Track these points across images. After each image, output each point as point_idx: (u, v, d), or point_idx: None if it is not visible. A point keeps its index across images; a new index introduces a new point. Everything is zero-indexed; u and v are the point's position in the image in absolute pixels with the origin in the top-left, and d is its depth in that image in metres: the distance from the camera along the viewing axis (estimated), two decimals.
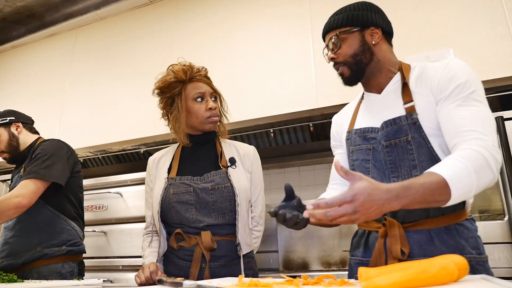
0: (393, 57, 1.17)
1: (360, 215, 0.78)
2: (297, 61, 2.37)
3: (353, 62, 1.13)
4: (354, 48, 1.12)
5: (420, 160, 1.01)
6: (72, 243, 1.72)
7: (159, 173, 1.43)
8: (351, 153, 1.17)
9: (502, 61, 1.91)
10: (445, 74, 1.02)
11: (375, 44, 1.13)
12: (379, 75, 1.15)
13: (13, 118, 1.90)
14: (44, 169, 1.63)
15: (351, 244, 1.18)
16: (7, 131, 1.86)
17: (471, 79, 1.00)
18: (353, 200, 0.77)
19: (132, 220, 2.59)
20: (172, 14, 2.93)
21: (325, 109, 2.24)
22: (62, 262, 1.67)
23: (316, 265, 2.45)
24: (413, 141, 1.02)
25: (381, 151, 1.07)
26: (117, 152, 2.98)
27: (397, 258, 0.97)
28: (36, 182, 1.60)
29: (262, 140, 2.74)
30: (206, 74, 1.47)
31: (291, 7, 2.50)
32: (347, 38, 1.14)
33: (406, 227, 1.01)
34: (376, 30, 1.13)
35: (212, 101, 1.42)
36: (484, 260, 0.99)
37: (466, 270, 0.71)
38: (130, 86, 2.88)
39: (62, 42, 3.38)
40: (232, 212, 1.33)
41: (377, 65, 1.14)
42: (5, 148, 1.85)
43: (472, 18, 2.02)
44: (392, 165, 1.05)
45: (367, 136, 1.12)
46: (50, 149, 1.72)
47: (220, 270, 1.29)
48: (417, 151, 1.02)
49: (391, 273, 0.68)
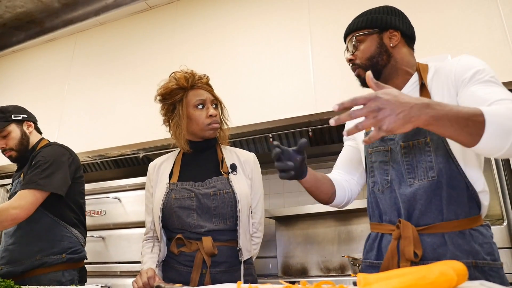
0: (412, 59, 1.17)
1: (385, 115, 0.73)
2: (296, 66, 2.38)
3: (369, 64, 1.14)
4: (371, 50, 1.14)
5: (437, 161, 1.01)
6: (72, 250, 1.69)
7: (160, 179, 1.44)
8: (369, 155, 1.17)
9: (499, 67, 1.91)
10: (461, 65, 1.04)
11: (393, 46, 1.13)
12: (396, 77, 1.15)
13: (26, 116, 1.85)
14: (43, 179, 1.60)
15: (364, 248, 1.18)
16: (19, 128, 1.81)
17: (488, 67, 1.02)
18: (378, 98, 0.73)
19: (130, 226, 2.58)
20: (171, 19, 2.95)
21: (324, 114, 2.24)
22: (62, 270, 1.64)
23: (315, 270, 2.44)
24: (431, 142, 1.03)
25: (399, 152, 1.08)
26: (116, 157, 2.98)
27: (409, 261, 0.97)
28: (35, 193, 1.57)
29: (261, 145, 2.74)
30: (207, 82, 1.48)
31: (290, 13, 2.52)
32: (365, 40, 1.15)
33: (420, 230, 1.01)
34: (395, 33, 1.14)
35: (213, 108, 1.44)
36: (498, 267, 0.97)
37: (465, 276, 0.71)
38: (129, 91, 2.89)
39: (62, 47, 3.39)
40: (233, 217, 1.33)
41: (394, 67, 1.14)
42: (15, 146, 1.79)
43: (470, 24, 2.04)
44: (409, 166, 1.05)
45: (385, 138, 1.12)
46: (51, 156, 1.69)
47: (220, 276, 1.29)
48: (435, 152, 1.02)
49: (390, 279, 0.68)
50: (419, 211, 1.02)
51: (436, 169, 1.01)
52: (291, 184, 2.87)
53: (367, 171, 1.19)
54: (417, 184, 1.03)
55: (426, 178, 1.02)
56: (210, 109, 1.42)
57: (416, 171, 1.04)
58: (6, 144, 1.79)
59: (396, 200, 1.07)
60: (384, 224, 1.10)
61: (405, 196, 1.04)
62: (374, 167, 1.15)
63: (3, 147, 1.79)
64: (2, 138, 1.79)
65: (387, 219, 1.09)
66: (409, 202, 1.03)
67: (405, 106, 0.74)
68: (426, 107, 0.76)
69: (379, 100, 0.74)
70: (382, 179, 1.11)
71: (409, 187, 1.04)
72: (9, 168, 3.16)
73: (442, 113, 0.76)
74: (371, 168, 1.16)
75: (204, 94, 1.43)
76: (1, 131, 1.78)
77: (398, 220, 1.03)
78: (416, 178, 1.03)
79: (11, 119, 1.79)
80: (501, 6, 1.99)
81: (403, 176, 1.06)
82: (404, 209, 1.04)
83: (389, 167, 1.10)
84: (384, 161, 1.11)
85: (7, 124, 1.78)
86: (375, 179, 1.14)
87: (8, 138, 1.78)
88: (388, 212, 1.09)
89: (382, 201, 1.11)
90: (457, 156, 1.01)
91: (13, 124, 1.80)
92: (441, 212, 0.99)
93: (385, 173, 1.10)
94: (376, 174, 1.14)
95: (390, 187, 1.09)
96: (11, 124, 1.79)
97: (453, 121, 0.77)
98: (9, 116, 1.79)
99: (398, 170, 1.08)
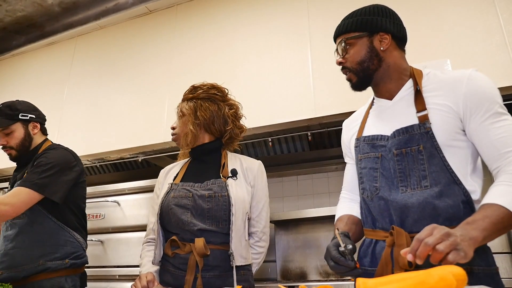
0: (404, 63, 1.14)
1: (452, 236, 0.77)
2: (296, 70, 2.39)
3: (360, 69, 1.12)
4: (361, 55, 1.11)
5: (430, 170, 1.00)
6: (75, 255, 1.67)
7: (166, 181, 1.49)
8: (359, 161, 1.16)
9: (498, 71, 1.92)
10: (473, 89, 1.01)
11: (384, 50, 1.11)
12: (389, 82, 1.13)
13: (34, 117, 1.79)
14: (41, 180, 1.56)
15: (358, 253, 1.16)
16: (24, 128, 1.76)
17: (495, 91, 1.01)
18: (429, 230, 0.78)
19: (129, 229, 2.57)
20: (171, 23, 2.95)
21: (323, 118, 2.24)
22: (65, 276, 1.61)
23: (314, 275, 2.43)
24: (424, 151, 1.01)
25: (391, 159, 1.06)
26: (115, 161, 2.97)
27: (404, 268, 0.95)
28: (29, 192, 1.53)
29: (261, 149, 2.74)
30: (188, 93, 1.54)
31: (289, 18, 2.53)
32: (355, 44, 1.12)
33: (414, 237, 1.00)
34: (385, 35, 1.11)
35: (176, 121, 1.55)
36: (493, 272, 0.97)
37: (465, 281, 0.71)
38: (129, 94, 2.89)
39: (62, 51, 3.39)
40: (226, 221, 1.33)
41: (386, 71, 1.12)
42: (15, 146, 1.74)
43: (469, 29, 2.04)
44: (401, 174, 1.04)
45: (376, 144, 1.11)
46: (55, 160, 1.64)
47: (214, 281, 1.29)
48: (428, 161, 1.00)
49: (390, 284, 0.68)
50: (412, 219, 1.00)
51: (429, 178, 0.99)
52: (290, 188, 2.87)
53: (358, 178, 1.18)
54: (409, 193, 1.01)
55: (419, 187, 1.00)
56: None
57: (409, 179, 1.02)
58: (7, 142, 1.74)
59: (387, 207, 1.05)
60: (377, 230, 1.08)
61: (396, 203, 1.03)
62: (363, 174, 1.13)
63: (4, 144, 1.75)
64: (5, 135, 1.74)
65: (379, 226, 1.08)
66: (401, 210, 1.02)
67: (457, 232, 0.79)
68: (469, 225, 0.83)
69: (434, 229, 0.79)
70: (371, 186, 1.10)
71: (401, 195, 1.02)
72: (8, 172, 3.15)
73: (481, 229, 0.83)
74: (360, 175, 1.15)
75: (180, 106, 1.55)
76: (5, 129, 1.73)
77: (391, 227, 1.02)
78: (408, 186, 1.02)
79: (18, 118, 1.74)
80: (500, 11, 2.00)
81: (393, 183, 1.05)
82: (396, 216, 1.03)
83: (378, 174, 1.08)
84: (374, 168, 1.10)
85: (12, 122, 1.73)
86: (364, 186, 1.13)
87: (11, 137, 1.74)
88: (380, 219, 1.07)
89: (372, 208, 1.09)
90: (452, 165, 0.99)
91: (18, 123, 1.75)
92: (435, 219, 0.97)
93: (374, 180, 1.09)
94: (365, 181, 1.12)
95: (378, 194, 1.07)
96: (17, 123, 1.74)
97: (491, 230, 0.84)
98: (17, 114, 1.74)
99: (388, 177, 1.06)
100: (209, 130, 1.48)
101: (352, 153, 1.23)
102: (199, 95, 1.48)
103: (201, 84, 1.52)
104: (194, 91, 1.51)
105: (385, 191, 1.06)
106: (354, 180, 1.25)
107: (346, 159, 1.31)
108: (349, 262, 0.92)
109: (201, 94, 1.48)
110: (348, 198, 1.29)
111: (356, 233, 1.17)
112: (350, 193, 1.28)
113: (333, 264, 0.96)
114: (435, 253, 0.75)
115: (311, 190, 2.81)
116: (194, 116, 1.46)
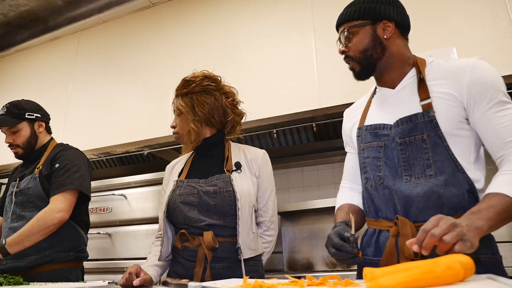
0: (407, 52, 1.13)
1: (458, 226, 0.76)
2: (300, 61, 2.37)
3: (363, 58, 1.10)
4: (365, 43, 1.10)
5: (435, 159, 0.99)
6: (79, 249, 1.73)
7: (172, 177, 1.49)
8: (362, 151, 1.15)
9: (505, 59, 1.89)
10: (477, 78, 0.99)
11: (387, 38, 1.09)
12: (392, 70, 1.12)
13: (39, 116, 1.86)
14: (77, 180, 1.68)
15: (360, 243, 1.15)
16: (30, 127, 1.82)
17: (499, 80, 1.00)
18: (435, 220, 0.77)
19: (136, 222, 2.59)
20: (174, 16, 2.94)
21: (328, 109, 2.23)
22: (69, 267, 1.68)
23: (320, 265, 2.44)
24: (428, 139, 1.00)
25: (394, 148, 1.05)
26: (120, 154, 2.99)
27: (409, 258, 0.95)
28: (73, 193, 1.66)
29: (265, 141, 2.74)
30: (180, 88, 1.49)
31: (293, 8, 2.50)
32: (358, 32, 1.11)
33: (419, 226, 0.98)
34: (389, 23, 1.09)
35: (175, 119, 1.52)
36: (498, 261, 0.97)
37: (472, 270, 0.70)
38: (133, 88, 2.90)
39: (65, 45, 3.40)
40: (232, 216, 1.33)
41: (389, 59, 1.11)
42: (21, 144, 1.80)
43: (475, 16, 2.01)
44: (405, 163, 1.03)
45: (379, 133, 1.10)
46: (77, 160, 1.75)
47: (223, 272, 1.30)
48: (432, 150, 1.00)
49: (397, 273, 0.68)
50: (417, 208, 1.00)
51: (434, 167, 0.99)
52: (296, 179, 2.87)
53: (360, 167, 1.17)
54: (414, 182, 1.01)
55: (424, 176, 1.00)
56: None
57: (413, 168, 1.01)
58: (14, 140, 1.80)
59: (391, 197, 1.04)
60: (380, 220, 1.08)
61: (401, 192, 1.02)
62: (366, 163, 1.12)
63: (11, 142, 1.81)
64: (11, 134, 1.80)
65: (383, 216, 1.07)
66: (405, 199, 1.01)
67: (462, 222, 0.79)
68: (474, 215, 0.83)
69: (439, 220, 0.78)
70: (375, 175, 1.09)
71: (405, 184, 1.02)
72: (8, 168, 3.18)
73: (485, 218, 0.83)
74: (363, 164, 1.14)
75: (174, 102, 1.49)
76: (12, 127, 1.79)
77: (395, 217, 1.01)
78: (413, 175, 1.01)
79: (24, 117, 1.80)
80: None
81: (397, 172, 1.04)
82: (400, 206, 1.02)
83: (381, 163, 1.07)
84: (377, 157, 1.09)
85: (19, 121, 1.79)
86: (367, 175, 1.12)
87: (17, 135, 1.80)
88: (384, 208, 1.07)
89: (376, 197, 1.09)
90: (456, 153, 0.99)
91: (24, 122, 1.81)
92: (440, 209, 0.97)
93: (377, 169, 1.08)
94: (369, 170, 1.11)
95: (382, 184, 1.06)
96: (23, 122, 1.80)
97: (497, 219, 0.84)
98: (23, 114, 1.80)
99: (391, 166, 1.05)
100: (210, 123, 1.46)
101: (354, 143, 1.22)
102: (193, 89, 1.44)
103: (193, 76, 1.47)
104: (188, 85, 1.45)
105: (389, 180, 1.05)
106: (355, 169, 1.24)
107: (347, 149, 1.31)
108: (352, 248, 0.92)
109: (195, 87, 1.44)
110: (348, 188, 1.29)
111: (357, 222, 1.16)
112: (351, 183, 1.28)
113: (334, 251, 0.95)
114: (441, 244, 0.74)
115: (316, 181, 2.81)
116: (192, 112, 1.43)
